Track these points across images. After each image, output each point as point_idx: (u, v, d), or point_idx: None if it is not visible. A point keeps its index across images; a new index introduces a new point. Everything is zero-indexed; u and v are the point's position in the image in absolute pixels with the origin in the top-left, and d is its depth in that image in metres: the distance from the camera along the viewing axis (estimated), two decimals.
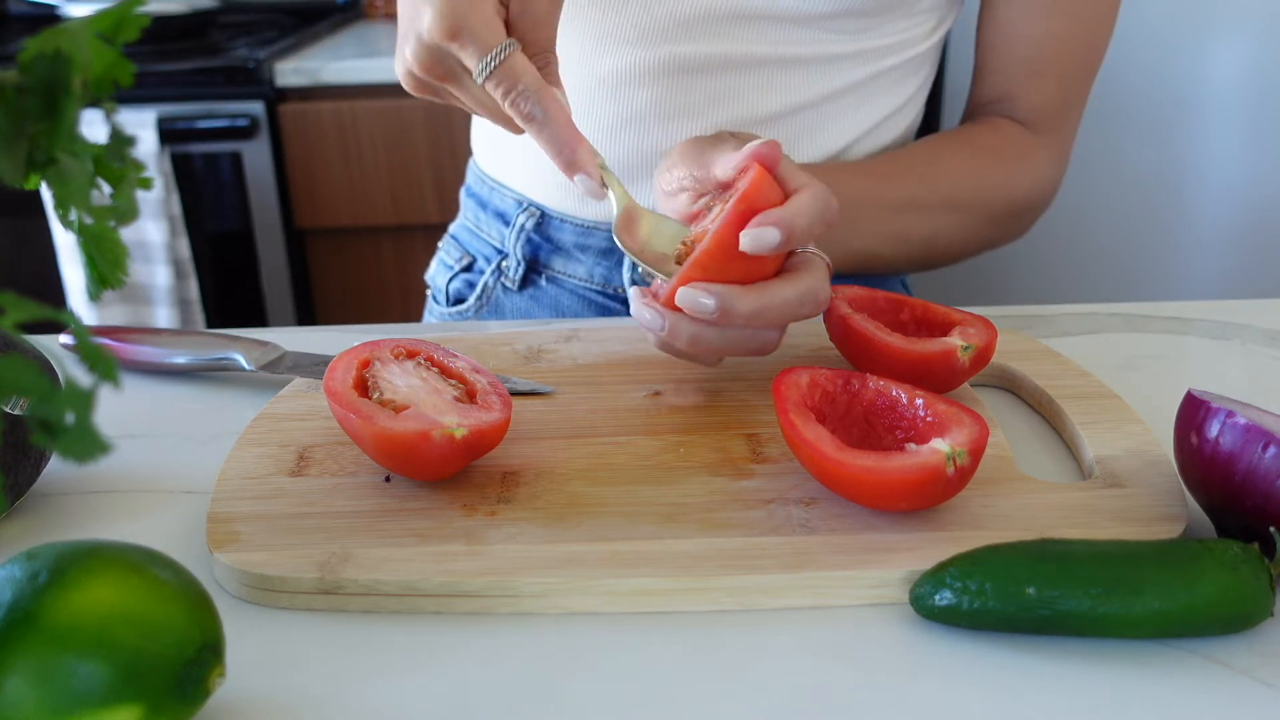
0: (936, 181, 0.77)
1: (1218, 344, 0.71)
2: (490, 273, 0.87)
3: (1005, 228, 0.82)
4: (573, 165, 0.58)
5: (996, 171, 0.80)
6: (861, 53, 0.77)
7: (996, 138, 0.81)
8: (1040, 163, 0.82)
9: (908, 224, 0.77)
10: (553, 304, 0.85)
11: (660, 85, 0.76)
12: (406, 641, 0.46)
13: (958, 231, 0.79)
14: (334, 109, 1.76)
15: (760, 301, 0.56)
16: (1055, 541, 0.46)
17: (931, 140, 0.81)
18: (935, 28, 0.81)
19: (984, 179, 0.79)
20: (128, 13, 0.38)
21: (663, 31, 0.75)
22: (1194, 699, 0.42)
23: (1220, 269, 2.05)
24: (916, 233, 0.77)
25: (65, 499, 0.56)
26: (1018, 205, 0.81)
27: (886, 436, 0.54)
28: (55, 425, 0.31)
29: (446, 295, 0.91)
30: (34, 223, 1.78)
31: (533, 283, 0.85)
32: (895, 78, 0.80)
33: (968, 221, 0.79)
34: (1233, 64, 1.92)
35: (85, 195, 0.37)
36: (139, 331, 0.69)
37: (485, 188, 0.88)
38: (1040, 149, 0.82)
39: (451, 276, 0.90)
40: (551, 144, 0.58)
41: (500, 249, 0.86)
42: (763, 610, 0.47)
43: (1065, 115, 0.82)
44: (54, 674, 0.36)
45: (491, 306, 0.88)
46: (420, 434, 0.50)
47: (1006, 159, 0.80)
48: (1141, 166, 1.98)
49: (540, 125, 0.57)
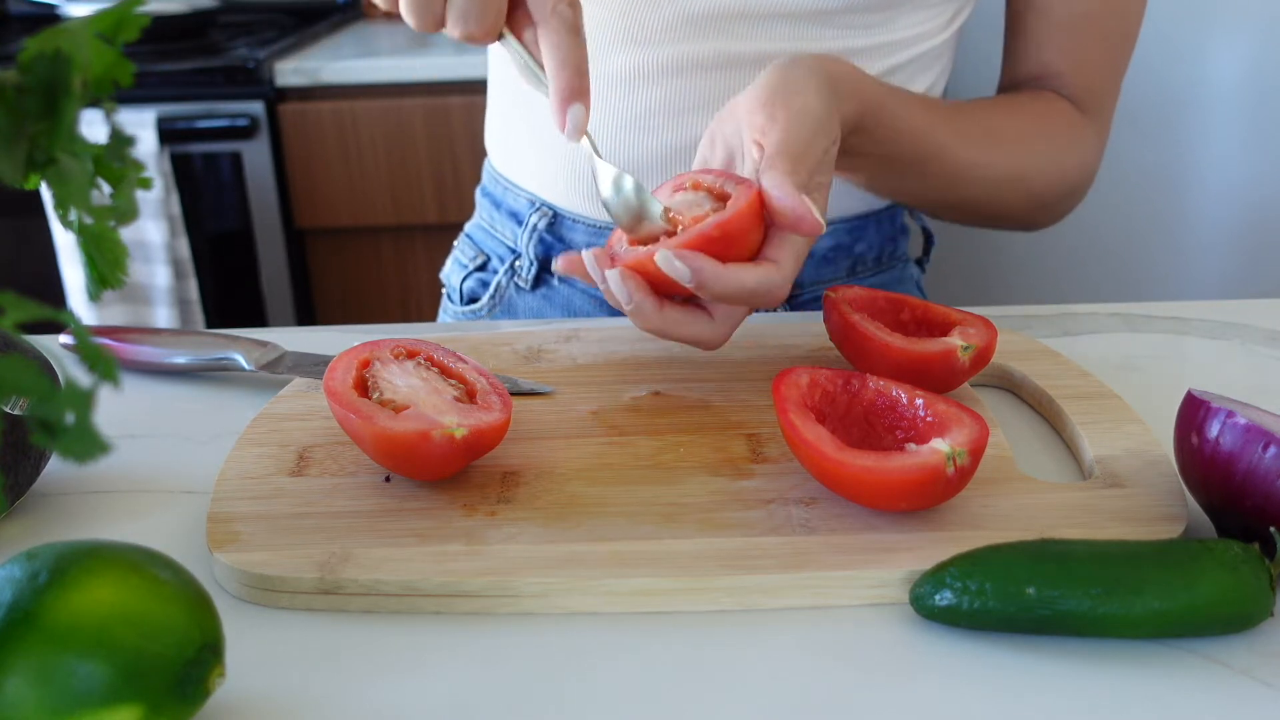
0: (999, 153, 0.76)
1: (1217, 344, 0.71)
2: (504, 272, 0.87)
3: (1044, 209, 0.80)
4: (577, 91, 0.57)
5: (1048, 146, 0.78)
6: (875, 48, 0.76)
7: (1050, 110, 0.79)
8: (1087, 140, 0.80)
9: (959, 186, 0.75)
10: (565, 304, 0.85)
11: (671, 83, 0.76)
12: (406, 641, 0.46)
13: (1000, 202, 0.78)
14: (334, 109, 1.76)
15: (790, 253, 0.57)
16: (1055, 541, 0.46)
17: (998, 105, 0.79)
18: (951, 20, 0.80)
19: (1039, 151, 0.77)
20: (128, 13, 0.38)
21: (672, 30, 0.75)
22: (1194, 699, 0.42)
23: (1220, 269, 2.05)
24: (959, 195, 0.76)
25: (65, 499, 0.56)
26: (1064, 183, 0.79)
27: (886, 436, 0.54)
28: (55, 425, 0.31)
29: (461, 294, 0.91)
30: (34, 223, 1.78)
31: (545, 282, 0.85)
32: (911, 72, 0.79)
33: (1015, 195, 0.78)
34: (1233, 64, 1.92)
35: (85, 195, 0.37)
36: (139, 331, 0.69)
37: (499, 187, 0.88)
38: (1087, 128, 0.80)
39: (466, 275, 0.90)
40: (556, 62, 0.57)
41: (513, 248, 0.86)
42: (763, 610, 0.47)
43: (1105, 97, 0.81)
44: (54, 674, 0.36)
45: (505, 306, 0.88)
46: (420, 434, 0.50)
47: (1059, 131, 0.78)
48: (1141, 166, 1.98)
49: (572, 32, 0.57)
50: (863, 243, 0.84)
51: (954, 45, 0.83)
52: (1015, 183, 0.77)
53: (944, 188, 0.75)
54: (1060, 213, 0.82)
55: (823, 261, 0.83)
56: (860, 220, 0.83)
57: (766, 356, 0.67)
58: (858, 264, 0.84)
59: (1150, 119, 1.94)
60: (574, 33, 0.57)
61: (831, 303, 0.63)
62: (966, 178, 0.75)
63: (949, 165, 0.73)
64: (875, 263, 0.85)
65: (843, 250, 0.83)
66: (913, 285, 0.89)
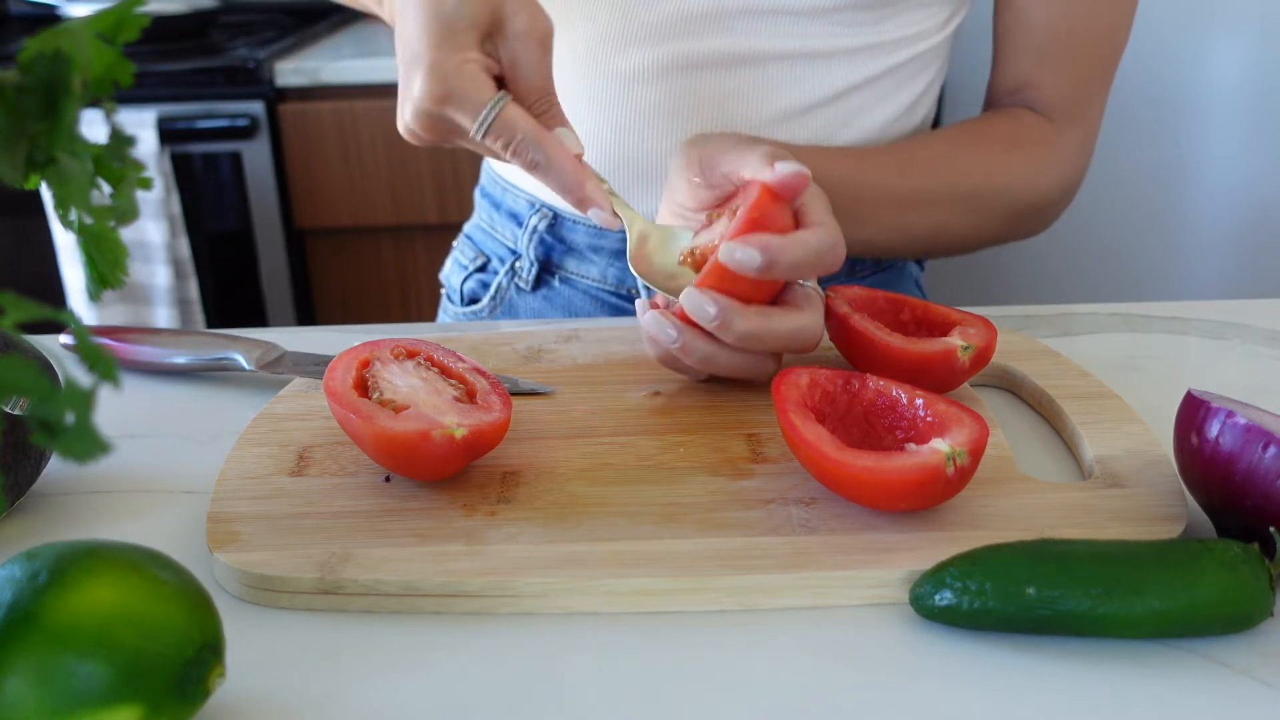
0: (948, 174, 0.76)
1: (1217, 344, 0.71)
2: (504, 273, 0.87)
3: (1025, 222, 0.81)
4: (583, 202, 0.61)
5: (1013, 164, 0.78)
6: (871, 47, 0.76)
7: (1015, 128, 0.79)
8: (1061, 154, 0.80)
9: (913, 218, 0.76)
10: (565, 304, 0.85)
11: (670, 82, 0.76)
12: (406, 641, 0.46)
13: (967, 225, 0.78)
14: (334, 109, 1.76)
15: (758, 325, 0.58)
16: (1055, 541, 0.46)
17: (946, 131, 0.80)
18: (948, 20, 0.80)
19: (999, 172, 0.78)
20: (128, 13, 0.38)
21: (671, 28, 0.75)
22: (1194, 699, 0.42)
23: (1220, 269, 2.05)
24: (921, 226, 0.77)
25: (65, 499, 0.56)
26: (1039, 199, 0.80)
27: (886, 436, 0.54)
28: (55, 425, 0.31)
29: (461, 295, 0.91)
30: (34, 223, 1.78)
31: (546, 283, 0.85)
32: (909, 72, 0.79)
33: (979, 215, 0.78)
34: (1233, 65, 1.92)
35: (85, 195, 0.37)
36: (139, 331, 0.69)
37: (498, 188, 0.88)
38: (1061, 140, 0.80)
39: (466, 276, 0.90)
40: (559, 186, 0.60)
41: (514, 249, 0.87)
42: (763, 610, 0.47)
43: (1087, 105, 0.81)
44: (54, 674, 0.36)
45: (505, 307, 0.88)
46: (420, 434, 0.50)
47: (1024, 150, 0.79)
48: (1141, 167, 1.98)
49: (545, 170, 0.60)
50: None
51: (950, 47, 0.83)
52: (975, 200, 0.77)
53: (894, 224, 0.76)
54: (1041, 224, 0.83)
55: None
56: None
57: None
58: (856, 263, 0.84)
59: (1150, 119, 1.94)
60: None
61: (831, 303, 0.63)
62: (917, 206, 0.76)
63: (891, 196, 0.74)
64: (874, 262, 0.85)
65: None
66: (912, 284, 0.89)
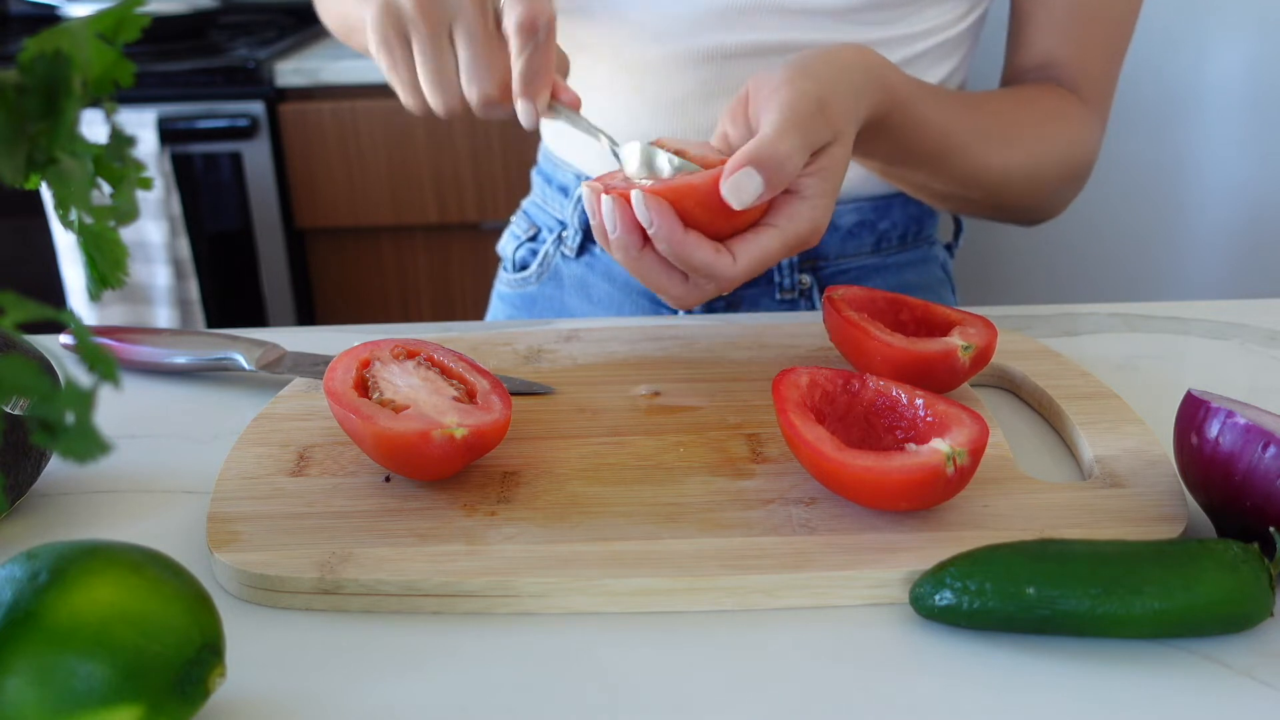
0: (1011, 116, 0.77)
1: (1217, 344, 0.71)
2: (551, 241, 0.92)
3: (1069, 185, 0.81)
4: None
5: (1064, 124, 0.79)
6: (892, 39, 0.78)
7: (1056, 95, 0.80)
8: (1089, 127, 0.81)
9: (977, 183, 0.76)
10: (605, 271, 0.89)
11: (699, 72, 0.79)
12: (406, 641, 0.46)
13: (1026, 173, 0.78)
14: (334, 109, 1.76)
15: (757, 255, 0.58)
16: (1055, 541, 0.46)
17: (1005, 99, 0.79)
18: (968, 12, 0.82)
19: (1052, 126, 0.78)
20: (128, 13, 0.39)
21: (698, 23, 0.77)
22: (1194, 699, 0.42)
23: (1219, 269, 2.05)
24: (979, 188, 0.77)
25: (65, 499, 0.56)
26: (1084, 163, 0.80)
27: (886, 436, 0.54)
28: (55, 425, 0.31)
29: (513, 262, 0.97)
30: (34, 223, 1.78)
31: (588, 250, 0.90)
32: (929, 60, 0.81)
33: (1039, 165, 0.78)
34: (1233, 64, 1.92)
35: (85, 195, 0.37)
36: (139, 331, 0.69)
37: (550, 165, 0.93)
38: (1089, 116, 0.81)
39: (518, 246, 0.96)
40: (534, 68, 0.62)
41: (561, 220, 0.92)
42: (763, 610, 0.47)
43: (1103, 85, 0.82)
44: (54, 674, 0.36)
45: (551, 273, 0.93)
46: (420, 434, 0.50)
47: (1068, 115, 0.79)
48: (1141, 166, 1.98)
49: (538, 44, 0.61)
50: (887, 220, 0.86)
51: (974, 34, 0.84)
52: (1026, 181, 0.78)
53: (956, 183, 0.76)
54: (1062, 204, 0.83)
55: (847, 236, 0.85)
56: (885, 199, 0.85)
57: (766, 356, 0.67)
58: (882, 240, 0.86)
59: (1150, 118, 1.94)
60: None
61: (831, 303, 0.63)
62: (981, 177, 0.76)
63: (965, 163, 0.74)
64: (900, 240, 0.87)
65: (867, 226, 0.85)
66: (938, 267, 0.91)
